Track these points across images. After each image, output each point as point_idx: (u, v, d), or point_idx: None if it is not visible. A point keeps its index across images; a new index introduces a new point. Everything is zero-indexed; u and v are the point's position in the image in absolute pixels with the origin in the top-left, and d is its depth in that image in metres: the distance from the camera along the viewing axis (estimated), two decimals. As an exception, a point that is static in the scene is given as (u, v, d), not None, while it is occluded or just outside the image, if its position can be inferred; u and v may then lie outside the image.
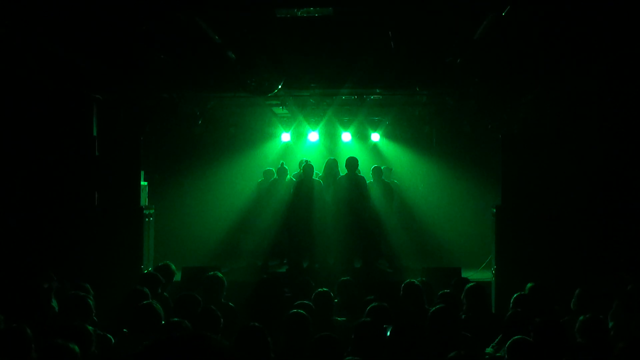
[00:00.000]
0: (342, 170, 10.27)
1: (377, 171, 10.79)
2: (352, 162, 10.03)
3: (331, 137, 12.43)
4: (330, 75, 8.48)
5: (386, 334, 4.72)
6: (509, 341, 4.28)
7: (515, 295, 6.13)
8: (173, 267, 7.75)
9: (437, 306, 5.11)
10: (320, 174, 10.68)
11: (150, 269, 8.55)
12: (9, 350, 4.07)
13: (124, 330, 5.30)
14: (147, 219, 9.18)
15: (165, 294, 6.98)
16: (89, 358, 4.32)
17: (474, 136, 11.31)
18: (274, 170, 11.06)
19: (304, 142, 12.27)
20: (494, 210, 8.95)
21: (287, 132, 12.03)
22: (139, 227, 8.85)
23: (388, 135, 12.46)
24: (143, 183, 9.33)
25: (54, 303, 6.07)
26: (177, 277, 8.49)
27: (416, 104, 11.15)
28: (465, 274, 8.68)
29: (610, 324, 5.45)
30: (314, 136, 11.75)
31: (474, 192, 11.23)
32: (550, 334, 4.53)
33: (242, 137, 12.38)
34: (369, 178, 10.57)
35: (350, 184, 9.91)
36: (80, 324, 4.68)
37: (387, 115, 11.79)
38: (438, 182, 12.01)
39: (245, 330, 4.41)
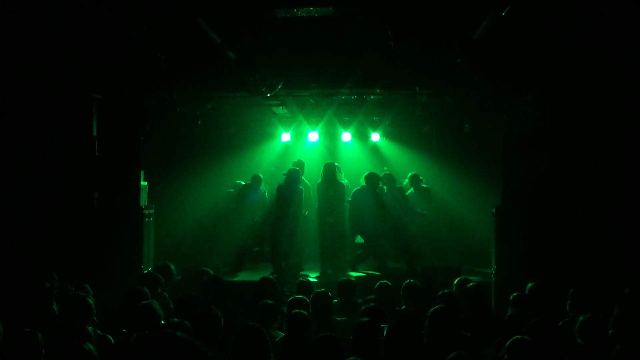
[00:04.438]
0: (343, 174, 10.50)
1: (414, 179, 11.15)
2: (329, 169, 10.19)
3: (331, 137, 12.43)
4: (330, 75, 8.47)
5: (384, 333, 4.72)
6: (509, 341, 4.28)
7: (514, 295, 6.13)
8: (173, 267, 7.75)
9: (437, 306, 5.11)
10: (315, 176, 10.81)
11: (150, 269, 8.56)
12: (20, 355, 4.06)
13: (124, 330, 5.31)
14: (147, 219, 9.18)
15: (165, 294, 6.98)
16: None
17: (474, 136, 11.31)
18: (242, 183, 11.20)
19: (304, 142, 12.27)
20: (494, 210, 8.95)
21: (287, 132, 12.03)
22: (139, 227, 8.85)
23: (388, 135, 12.47)
24: (143, 183, 9.32)
25: (54, 303, 6.06)
26: (177, 277, 8.50)
27: (416, 104, 11.15)
28: (465, 274, 8.68)
29: (611, 332, 5.44)
30: (314, 136, 11.76)
31: (474, 192, 11.23)
32: (544, 335, 4.53)
33: (242, 137, 12.38)
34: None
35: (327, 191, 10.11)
36: (81, 325, 4.68)
37: (387, 115, 11.79)
38: (438, 182, 12.01)
39: (244, 330, 4.41)
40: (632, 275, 6.83)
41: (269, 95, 8.51)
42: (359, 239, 10.71)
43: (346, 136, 12.07)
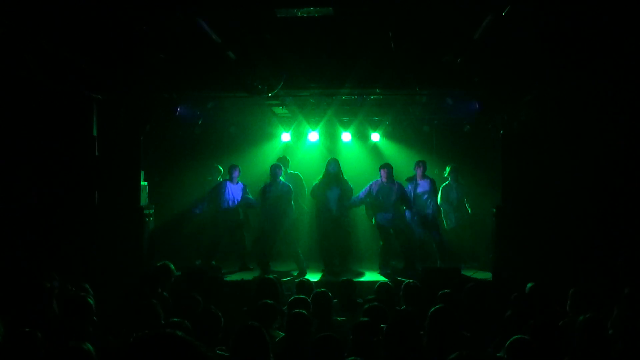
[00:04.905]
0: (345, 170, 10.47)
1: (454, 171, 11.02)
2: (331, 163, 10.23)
3: (331, 137, 12.42)
4: (330, 75, 8.48)
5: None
6: (509, 341, 4.28)
7: (514, 295, 6.13)
8: (172, 267, 7.75)
9: (437, 306, 5.11)
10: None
11: (150, 269, 8.56)
12: (19, 355, 4.06)
13: (124, 330, 5.30)
14: (147, 219, 9.18)
15: (165, 294, 6.98)
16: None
17: (474, 136, 11.31)
18: (220, 168, 11.17)
19: (304, 142, 12.26)
20: (494, 210, 8.95)
21: (287, 132, 12.02)
22: (139, 227, 8.85)
23: (388, 135, 12.45)
24: (143, 183, 9.32)
25: (54, 303, 6.06)
26: (177, 275, 8.49)
27: (416, 104, 11.15)
28: (465, 273, 8.68)
29: (610, 332, 5.43)
30: (314, 136, 11.75)
31: (474, 192, 11.22)
32: (544, 334, 4.53)
33: (242, 137, 12.36)
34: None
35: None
36: (81, 325, 4.68)
37: (387, 115, 11.78)
38: (438, 182, 11.99)
39: (244, 330, 4.40)
40: (632, 276, 6.84)
41: (269, 95, 8.51)
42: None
43: (346, 136, 12.05)
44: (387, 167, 10.12)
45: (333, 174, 10.10)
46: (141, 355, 1.51)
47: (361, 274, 9.77)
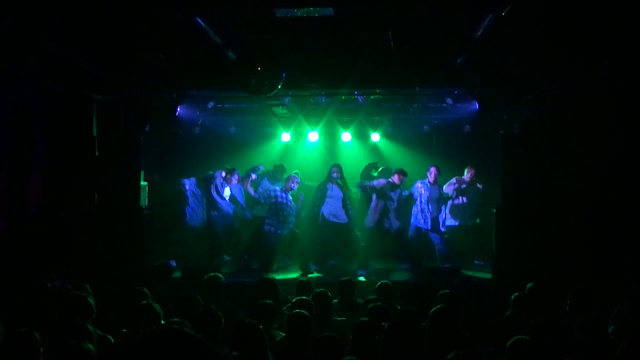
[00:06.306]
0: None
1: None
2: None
3: (331, 137, 12.43)
4: (330, 75, 8.48)
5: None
6: (509, 341, 4.28)
7: (514, 295, 6.13)
8: (172, 266, 7.76)
9: (437, 306, 5.11)
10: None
11: (149, 269, 8.56)
12: (18, 354, 4.06)
13: (124, 330, 5.31)
14: (146, 219, 9.16)
15: (165, 293, 6.98)
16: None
17: (474, 136, 11.31)
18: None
19: (304, 142, 12.27)
20: (494, 210, 8.95)
21: (287, 132, 12.03)
22: (139, 227, 8.84)
23: (388, 135, 12.46)
24: (143, 183, 9.32)
25: (54, 303, 6.06)
26: (177, 275, 8.50)
27: (416, 103, 11.15)
28: (465, 274, 8.68)
29: (612, 328, 5.43)
30: (313, 136, 11.75)
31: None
32: (544, 334, 4.53)
33: (242, 137, 12.38)
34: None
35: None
36: (81, 324, 4.68)
37: (387, 115, 11.78)
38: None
39: (241, 327, 4.40)
40: (637, 276, 6.85)
41: (269, 95, 8.51)
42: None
43: (346, 136, 12.06)
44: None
45: (337, 179, 10.21)
46: (150, 353, 1.49)
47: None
